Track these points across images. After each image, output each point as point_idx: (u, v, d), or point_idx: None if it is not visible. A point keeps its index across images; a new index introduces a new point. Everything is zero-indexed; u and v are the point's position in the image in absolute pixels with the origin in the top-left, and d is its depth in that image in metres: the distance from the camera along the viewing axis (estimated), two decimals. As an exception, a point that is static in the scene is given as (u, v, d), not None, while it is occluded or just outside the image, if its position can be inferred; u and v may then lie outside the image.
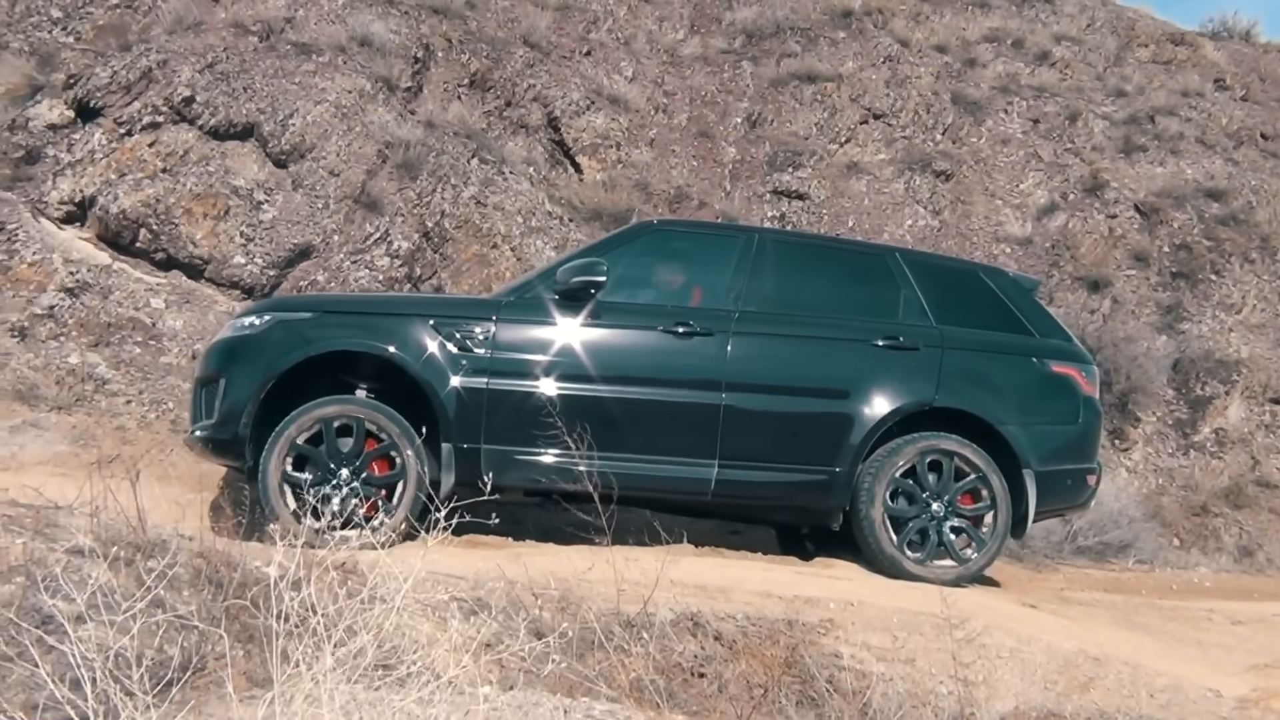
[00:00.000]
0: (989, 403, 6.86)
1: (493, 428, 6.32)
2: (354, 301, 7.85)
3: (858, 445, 6.61)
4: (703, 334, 6.60)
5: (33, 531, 4.49)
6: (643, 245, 7.10)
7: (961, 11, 17.33)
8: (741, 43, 15.57)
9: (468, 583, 4.92)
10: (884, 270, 7.22)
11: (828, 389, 6.73)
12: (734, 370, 6.57)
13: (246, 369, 6.31)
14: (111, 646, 3.18)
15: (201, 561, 4.53)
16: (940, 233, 13.92)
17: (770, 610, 5.15)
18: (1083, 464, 7.12)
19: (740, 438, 6.50)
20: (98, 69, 11.19)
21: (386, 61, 12.07)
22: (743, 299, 6.83)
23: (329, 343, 6.34)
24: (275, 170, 10.99)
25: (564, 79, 13.55)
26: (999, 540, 6.69)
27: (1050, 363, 7.12)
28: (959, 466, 6.67)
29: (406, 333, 6.36)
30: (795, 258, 7.30)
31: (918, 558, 6.55)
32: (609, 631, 4.58)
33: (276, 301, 8.09)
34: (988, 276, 7.52)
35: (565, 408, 6.32)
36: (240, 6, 12.31)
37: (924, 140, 14.87)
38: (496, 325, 6.44)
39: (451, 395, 6.29)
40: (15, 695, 3.51)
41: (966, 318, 7.16)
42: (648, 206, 12.54)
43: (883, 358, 6.78)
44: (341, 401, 6.31)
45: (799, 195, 13.63)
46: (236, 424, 6.21)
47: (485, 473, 6.26)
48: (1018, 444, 6.78)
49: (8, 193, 10.33)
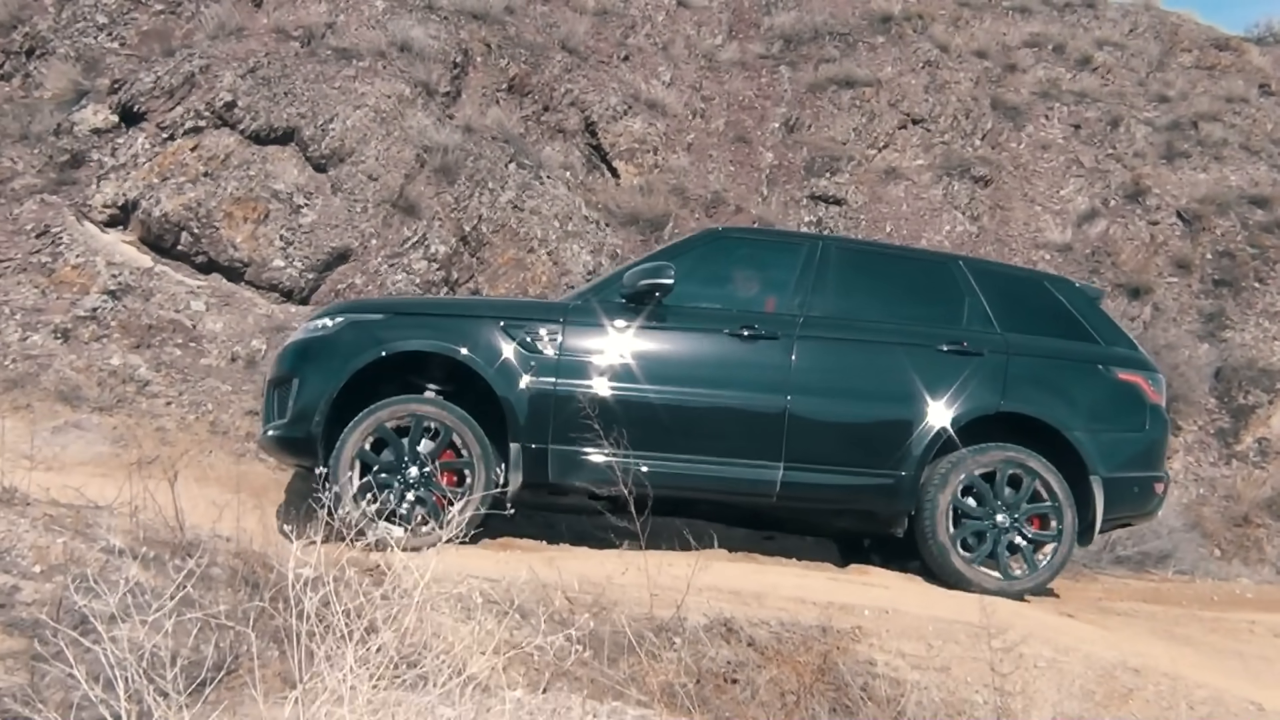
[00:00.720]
0: (1056, 408, 6.84)
1: (559, 429, 6.38)
2: (424, 304, 8.13)
3: (923, 449, 6.60)
4: (768, 338, 6.65)
5: (73, 531, 4.55)
6: (708, 251, 7.18)
7: (1002, 17, 17.22)
8: (779, 48, 15.53)
9: (501, 585, 4.93)
10: (948, 278, 7.24)
11: (891, 393, 6.73)
12: (798, 373, 6.61)
13: (320, 369, 6.45)
14: (147, 646, 3.21)
15: (238, 562, 4.57)
16: (978, 239, 13.83)
17: (804, 616, 5.12)
18: (1150, 472, 7.06)
19: (804, 440, 6.53)
20: (141, 74, 11.33)
21: (426, 66, 12.14)
22: (807, 304, 6.87)
23: (401, 343, 6.45)
24: (315, 174, 11.08)
25: (602, 84, 13.58)
26: (1051, 571, 6.67)
27: (1117, 370, 7.08)
28: (1036, 489, 6.63)
29: (477, 334, 6.47)
30: (859, 265, 7.34)
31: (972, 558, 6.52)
32: (641, 636, 4.58)
33: (349, 304, 8.22)
34: (1053, 285, 7.54)
35: (629, 409, 6.40)
36: (282, 12, 12.43)
37: (963, 146, 14.77)
38: (564, 328, 6.53)
39: (520, 396, 6.38)
40: (53, 694, 3.56)
41: (1031, 325, 7.15)
42: (684, 211, 12.54)
43: (947, 363, 6.78)
44: (414, 401, 6.41)
45: (836, 200, 13.59)
46: (309, 423, 6.33)
47: (552, 473, 6.37)
48: (1085, 450, 6.74)
49: (53, 196, 10.47)
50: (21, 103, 11.53)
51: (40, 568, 4.27)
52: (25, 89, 11.74)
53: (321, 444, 6.29)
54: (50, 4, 12.40)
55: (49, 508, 4.92)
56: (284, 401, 6.53)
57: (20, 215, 10.27)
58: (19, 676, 3.65)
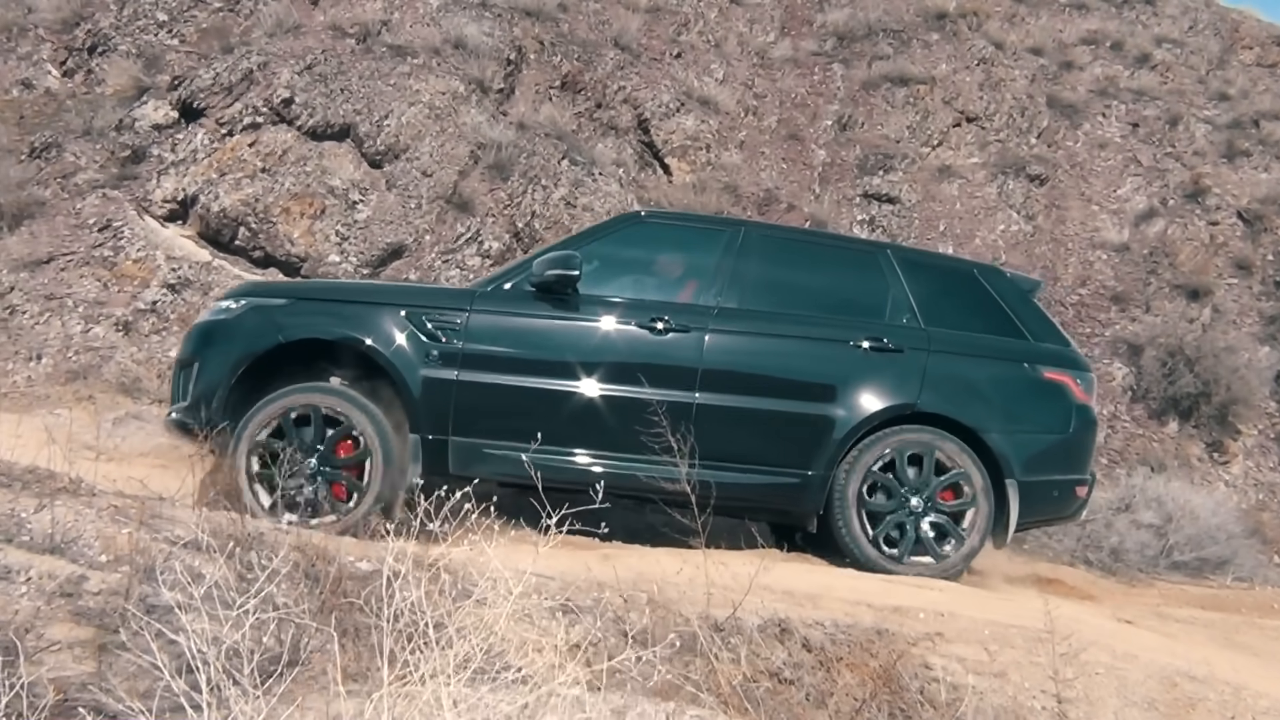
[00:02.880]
0: (973, 408, 6.62)
1: (460, 420, 6.23)
2: (329, 288, 7.81)
3: (834, 449, 6.42)
4: (679, 330, 6.45)
5: (138, 522, 4.60)
6: (627, 236, 6.98)
7: (1059, 13, 17.02)
8: (833, 45, 15.46)
9: (556, 583, 4.94)
10: (874, 268, 6.99)
11: (805, 390, 6.54)
12: (708, 368, 6.43)
13: (218, 354, 6.30)
14: (215, 637, 3.25)
15: (298, 555, 4.61)
16: (1034, 238, 13.69)
17: (860, 619, 5.09)
18: (1071, 474, 6.85)
19: (713, 438, 6.27)
20: (201, 71, 11.49)
21: (480, 63, 12.21)
22: (724, 294, 6.66)
23: (301, 330, 6.29)
24: (370, 170, 11.18)
25: (654, 81, 13.58)
26: (980, 535, 6.47)
27: (1042, 368, 6.85)
28: (939, 460, 6.48)
29: (379, 321, 6.28)
30: (782, 254, 7.07)
31: (894, 554, 6.38)
32: (696, 635, 4.57)
33: (254, 286, 7.96)
34: (983, 277, 7.24)
35: (534, 403, 6.25)
36: (338, 10, 12.54)
37: (1018, 144, 14.63)
38: (469, 316, 6.33)
39: (420, 385, 6.20)
40: (122, 682, 3.62)
41: (958, 319, 6.93)
42: (736, 208, 12.52)
43: (866, 359, 6.59)
44: (314, 391, 6.23)
45: (889, 199, 13.51)
46: (208, 407, 6.18)
47: (452, 465, 6.21)
48: (1001, 452, 6.54)
49: (115, 191, 10.65)
50: (84, 99, 11.74)
51: (106, 557, 4.32)
52: (88, 85, 11.94)
53: (220, 428, 6.08)
54: (112, 2, 12.60)
55: (114, 498, 4.99)
56: (186, 384, 6.40)
57: (83, 210, 10.45)
58: (87, 665, 3.71)
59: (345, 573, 4.51)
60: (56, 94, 11.97)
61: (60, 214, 10.40)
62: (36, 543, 4.26)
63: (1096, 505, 9.87)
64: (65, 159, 10.94)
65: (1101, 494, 10.47)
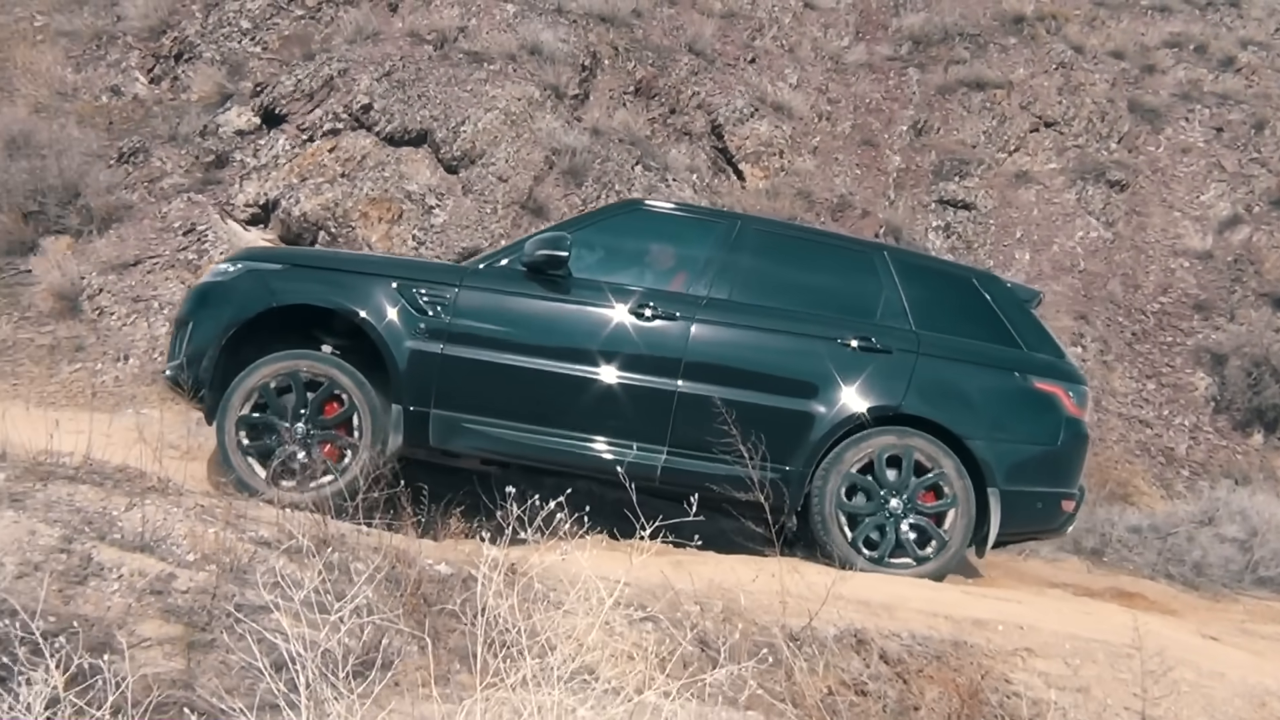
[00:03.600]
0: (959, 414, 6.58)
1: (443, 393, 6.30)
2: (325, 256, 7.90)
3: (814, 445, 6.41)
4: (665, 318, 6.46)
5: (223, 522, 4.70)
6: (623, 223, 7.03)
7: (1140, 16, 16.71)
8: (908, 49, 15.33)
9: (631, 589, 4.95)
10: (868, 268, 6.96)
11: (788, 385, 6.52)
12: (692, 357, 6.43)
13: (212, 315, 6.43)
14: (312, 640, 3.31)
15: (377, 556, 4.67)
16: (1114, 245, 13.46)
17: (936, 630, 5.05)
18: (1058, 487, 6.76)
19: (691, 426, 6.32)
20: (283, 77, 11.70)
21: (555, 69, 12.29)
22: (714, 286, 6.66)
23: (292, 296, 6.40)
24: (446, 175, 11.31)
25: (728, 86, 13.57)
26: (962, 536, 6.43)
27: (1034, 378, 6.79)
28: (918, 461, 6.43)
29: (370, 291, 6.36)
30: (776, 248, 7.07)
31: (873, 555, 6.35)
32: (772, 644, 4.56)
33: (253, 251, 8.13)
34: (981, 283, 7.19)
35: (515, 380, 6.31)
36: (416, 16, 12.70)
37: (1098, 149, 14.39)
38: (459, 292, 6.40)
39: (405, 356, 6.28)
40: (210, 680, 3.69)
41: (951, 324, 6.88)
42: (810, 215, 12.47)
43: (853, 358, 6.56)
44: (302, 357, 6.36)
45: (965, 205, 13.37)
46: (198, 367, 6.33)
47: (432, 437, 6.31)
48: (984, 460, 6.49)
49: (199, 195, 10.87)
50: (170, 105, 12.00)
51: (193, 556, 4.41)
52: (174, 92, 12.22)
53: (209, 388, 6.29)
54: (198, 10, 12.88)
55: (201, 498, 5.10)
56: (181, 343, 6.55)
57: (169, 213, 10.69)
58: (177, 662, 3.78)
59: (425, 575, 4.57)
60: (144, 100, 12.26)
61: (147, 218, 10.65)
62: (127, 540, 4.37)
63: (1179, 518, 9.69)
64: (152, 164, 11.20)
65: (1184, 507, 10.28)
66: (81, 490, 4.64)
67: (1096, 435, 11.49)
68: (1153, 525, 9.73)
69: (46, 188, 10.54)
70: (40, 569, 3.95)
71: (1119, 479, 11.22)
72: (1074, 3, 16.46)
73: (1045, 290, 12.40)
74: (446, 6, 12.90)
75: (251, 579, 4.25)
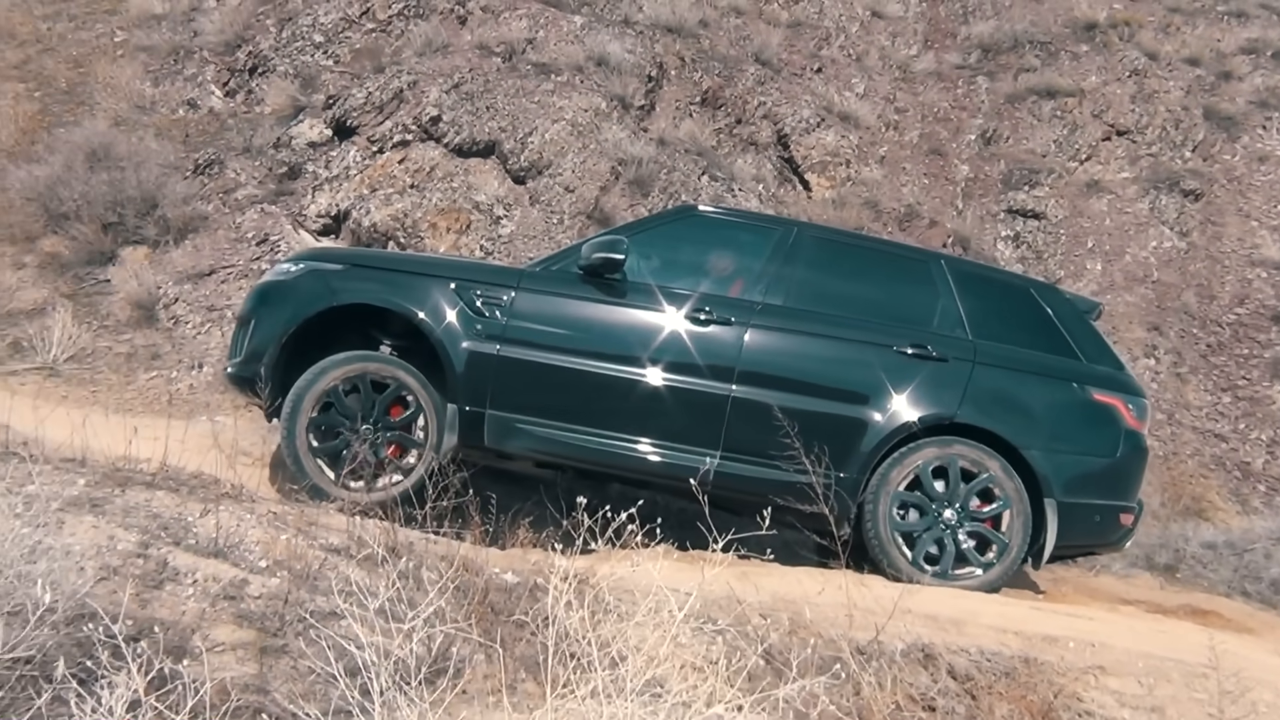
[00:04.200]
0: (1015, 424, 6.45)
1: (498, 394, 6.31)
2: (384, 257, 7.98)
3: (868, 453, 6.32)
4: (720, 323, 6.43)
5: (295, 529, 4.76)
6: (680, 228, 7.01)
7: (1216, 22, 16.42)
8: (977, 58, 15.20)
9: (699, 600, 4.95)
10: (925, 276, 6.88)
11: (843, 391, 6.45)
12: (747, 362, 6.38)
13: (273, 313, 6.51)
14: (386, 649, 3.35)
15: (446, 565, 4.71)
16: (1188, 255, 13.22)
17: (1005, 646, 4.98)
18: (1116, 500, 6.61)
19: (744, 431, 6.28)
20: (354, 90, 11.87)
21: (622, 80, 12.35)
22: (770, 291, 6.62)
23: (352, 295, 6.45)
24: (514, 186, 11.40)
25: (794, 96, 13.54)
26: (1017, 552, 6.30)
27: (1093, 390, 6.64)
28: (974, 473, 6.33)
29: (428, 292, 6.40)
30: (831, 255, 7.01)
31: (928, 566, 6.24)
32: (838, 658, 4.54)
33: (315, 251, 8.23)
34: (1039, 294, 7.08)
35: (570, 381, 6.31)
36: (485, 29, 12.83)
37: (1172, 158, 14.15)
38: (516, 294, 6.42)
39: (462, 357, 6.30)
40: (282, 685, 3.75)
41: (1009, 334, 6.77)
42: (877, 225, 12.40)
43: (907, 366, 6.46)
44: (366, 358, 6.41)
45: (1035, 214, 13.21)
46: (259, 364, 6.38)
47: (487, 438, 6.32)
48: (1041, 470, 6.35)
49: (272, 206, 11.07)
50: (244, 118, 12.25)
51: (266, 562, 4.47)
52: (248, 105, 12.47)
53: (269, 386, 6.32)
54: (272, 24, 13.13)
55: (274, 504, 5.18)
56: (242, 341, 6.62)
57: (242, 224, 10.89)
58: (249, 666, 3.84)
59: (492, 584, 4.61)
60: (219, 113, 12.52)
61: (221, 228, 10.86)
62: (202, 546, 4.44)
63: (1256, 534, 9.49)
64: (227, 175, 11.43)
65: (1261, 522, 10.06)
66: (158, 496, 4.73)
67: (1170, 449, 11.28)
68: (1228, 541, 9.52)
69: (125, 199, 10.80)
70: (118, 573, 4.03)
71: (1193, 494, 11.01)
72: (1148, 9, 16.22)
73: (1117, 301, 12.22)
74: (515, 19, 13.02)
75: (322, 585, 4.30)
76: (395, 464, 6.26)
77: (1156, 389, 11.80)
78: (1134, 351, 12.02)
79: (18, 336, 9.59)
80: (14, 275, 10.40)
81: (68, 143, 11.51)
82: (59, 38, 13.99)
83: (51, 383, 9.06)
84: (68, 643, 3.36)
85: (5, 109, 12.45)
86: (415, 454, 6.32)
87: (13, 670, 3.17)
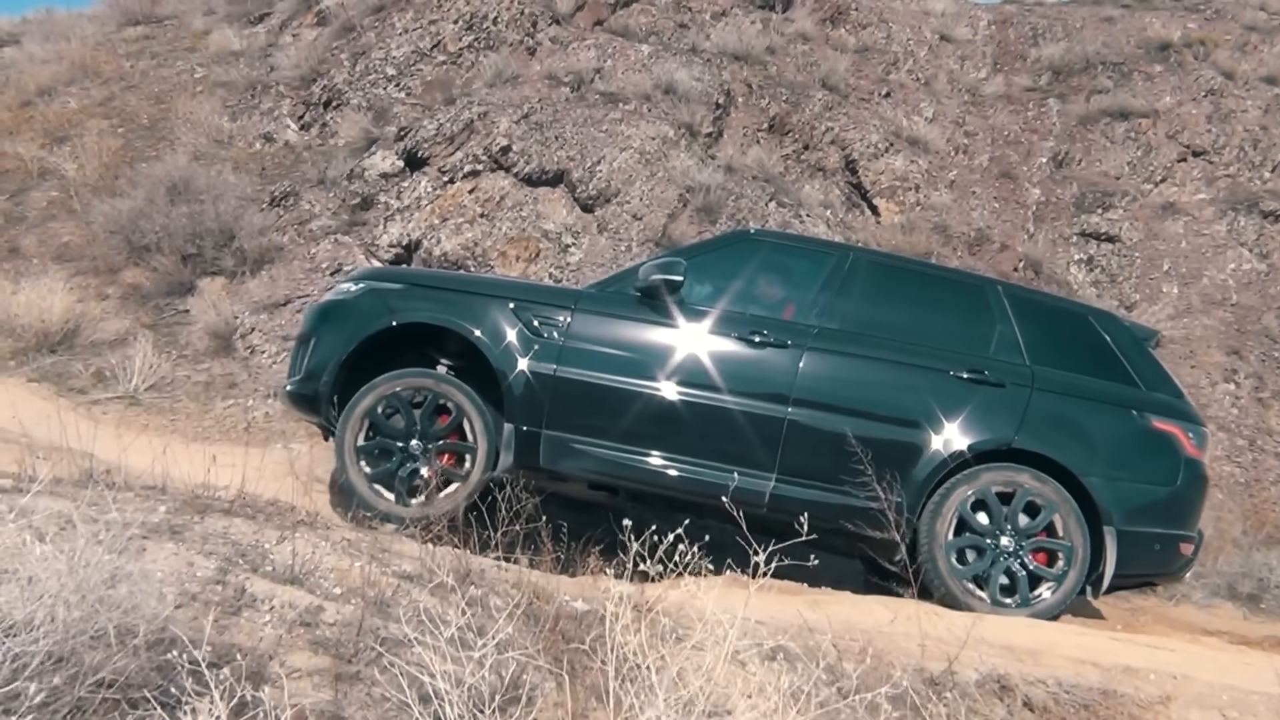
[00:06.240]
0: (1074, 450, 6.34)
1: (554, 414, 6.32)
2: (443, 278, 8.05)
3: (925, 477, 6.24)
4: (777, 345, 6.40)
5: (368, 556, 4.82)
6: (735, 252, 6.98)
7: (1295, 40, 16.12)
8: (1048, 79, 15.06)
9: (766, 628, 4.92)
10: (981, 302, 6.82)
11: (898, 416, 6.38)
12: (803, 385, 6.35)
13: (333, 331, 6.57)
14: (458, 678, 3.38)
15: (516, 592, 4.73)
16: (1268, 278, 12.94)
17: (1085, 678, 4.89)
18: (1175, 529, 6.46)
19: (800, 454, 6.24)
20: (425, 122, 12.06)
21: (689, 108, 12.41)
22: (825, 315, 6.59)
23: (411, 315, 6.50)
24: (582, 214, 11.49)
25: (862, 121, 13.50)
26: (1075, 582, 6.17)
27: (1152, 418, 6.52)
28: (1033, 501, 6.21)
29: (486, 312, 6.44)
30: (887, 280, 6.98)
31: (982, 595, 6.11)
32: (913, 688, 4.49)
33: (374, 271, 8.32)
34: (1097, 321, 6.98)
35: (626, 403, 6.29)
36: (554, 59, 12.98)
37: (1250, 179, 13.88)
38: (573, 315, 6.44)
39: (519, 377, 6.33)
40: (357, 711, 3.80)
41: (1067, 361, 6.67)
42: (946, 249, 12.30)
43: (964, 391, 6.39)
44: (420, 375, 6.45)
45: (1109, 238, 13.02)
46: (318, 382, 6.44)
47: (543, 458, 6.31)
48: (1100, 497, 6.23)
49: (345, 236, 11.25)
50: (319, 150, 12.49)
51: (340, 589, 4.52)
52: (323, 138, 12.71)
53: (329, 404, 6.37)
54: (346, 58, 13.39)
55: (347, 531, 5.24)
56: (302, 359, 6.69)
57: (317, 254, 11.09)
58: (325, 693, 3.88)
59: (562, 612, 4.62)
60: (294, 146, 12.78)
61: (296, 258, 11.06)
62: (278, 573, 4.50)
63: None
64: (302, 207, 11.65)
65: (1350, 552, 9.78)
66: (236, 523, 4.80)
67: (1252, 476, 11.02)
68: (1315, 571, 9.27)
69: (204, 231, 11.05)
70: (197, 599, 4.10)
71: (1276, 521, 10.73)
72: (1224, 28, 15.97)
73: (1195, 325, 11.99)
74: (583, 49, 13.16)
75: (395, 612, 4.34)
76: (452, 473, 6.30)
77: (1237, 414, 11.55)
78: (1213, 376, 11.78)
79: (100, 366, 9.82)
80: (98, 306, 10.68)
81: (149, 177, 11.81)
82: (141, 75, 14.40)
83: (132, 411, 9.26)
84: (149, 668, 3.43)
85: (90, 145, 12.82)
86: (469, 459, 6.38)
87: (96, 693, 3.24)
